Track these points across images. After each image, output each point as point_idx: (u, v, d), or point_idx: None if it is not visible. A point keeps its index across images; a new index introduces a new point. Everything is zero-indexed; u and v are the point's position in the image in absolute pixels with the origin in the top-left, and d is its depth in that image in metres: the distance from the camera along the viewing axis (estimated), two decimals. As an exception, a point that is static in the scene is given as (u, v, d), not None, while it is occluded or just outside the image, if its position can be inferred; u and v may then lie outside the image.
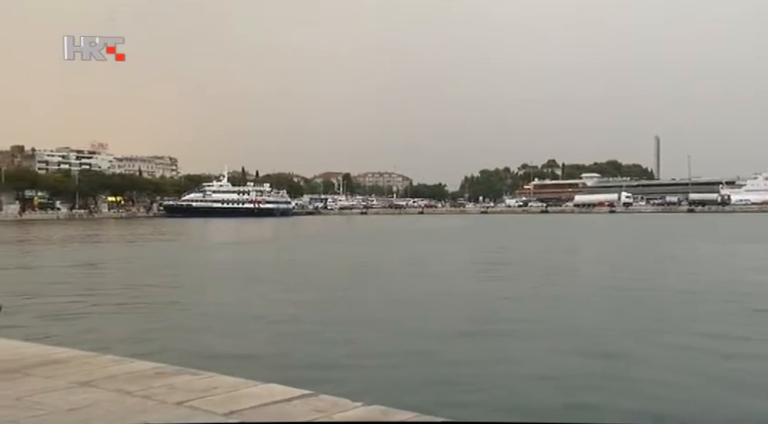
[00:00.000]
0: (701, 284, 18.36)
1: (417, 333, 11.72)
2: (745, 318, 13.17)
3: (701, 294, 16.39)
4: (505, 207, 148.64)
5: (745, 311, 13.79)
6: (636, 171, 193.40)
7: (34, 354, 5.24)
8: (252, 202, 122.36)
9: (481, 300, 16.08)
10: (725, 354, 9.96)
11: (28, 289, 18.60)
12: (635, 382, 8.41)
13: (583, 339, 11.12)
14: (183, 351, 9.80)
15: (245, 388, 4.12)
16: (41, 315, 13.76)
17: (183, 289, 19.13)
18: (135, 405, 3.73)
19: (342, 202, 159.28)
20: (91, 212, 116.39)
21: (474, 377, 8.78)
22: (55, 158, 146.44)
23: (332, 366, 9.18)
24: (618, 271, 23.65)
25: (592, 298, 16.63)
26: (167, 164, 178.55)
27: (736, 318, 13.08)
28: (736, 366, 9.29)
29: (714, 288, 17.50)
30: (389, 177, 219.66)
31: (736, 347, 10.54)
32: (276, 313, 14.49)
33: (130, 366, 4.81)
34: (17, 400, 3.83)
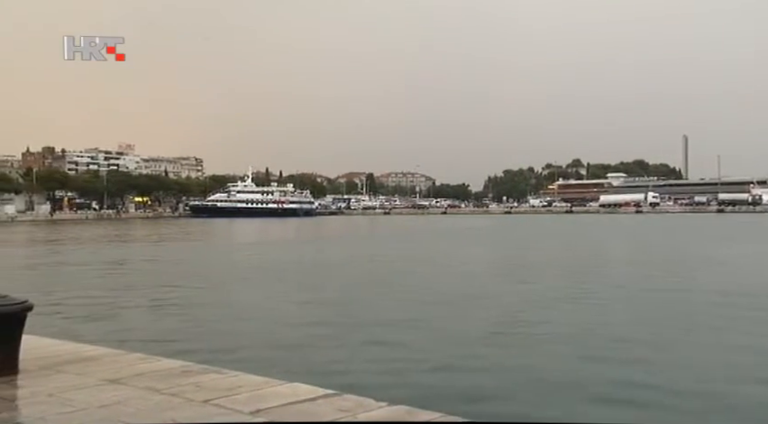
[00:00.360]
0: (733, 287, 17.95)
1: (442, 336, 11.57)
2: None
3: (733, 298, 16.02)
4: (529, 208, 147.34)
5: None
6: (664, 171, 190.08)
7: (65, 351, 5.36)
8: (276, 202, 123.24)
9: (508, 303, 15.75)
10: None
11: (58, 287, 19.01)
12: (668, 392, 8.10)
13: (612, 344, 10.81)
14: (209, 350, 9.92)
15: (270, 387, 4.16)
16: (72, 313, 14.05)
17: (209, 288, 19.34)
18: (163, 403, 3.79)
19: (365, 202, 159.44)
20: (119, 212, 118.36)
21: (499, 382, 8.63)
22: (84, 159, 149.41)
23: (356, 368, 9.20)
24: (648, 272, 23.22)
25: (622, 300, 16.22)
26: (192, 165, 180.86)
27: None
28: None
29: (746, 291, 17.12)
30: (412, 177, 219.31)
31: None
32: (300, 313, 14.58)
33: (157, 364, 4.88)
34: (49, 397, 3.92)
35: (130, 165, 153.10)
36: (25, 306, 4.56)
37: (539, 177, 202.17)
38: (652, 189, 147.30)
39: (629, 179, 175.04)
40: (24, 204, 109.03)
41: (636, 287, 18.70)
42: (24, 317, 4.58)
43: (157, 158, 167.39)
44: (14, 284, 17.58)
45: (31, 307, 4.61)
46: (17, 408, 3.82)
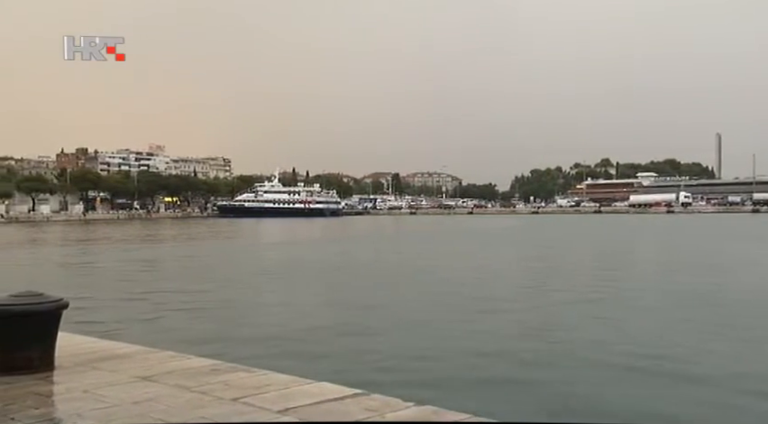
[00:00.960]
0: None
1: (471, 341, 11.28)
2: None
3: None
4: (556, 208, 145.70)
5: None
6: (696, 170, 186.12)
7: (99, 348, 5.48)
8: (303, 202, 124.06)
9: (538, 306, 15.42)
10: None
11: (92, 286, 19.44)
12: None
13: (644, 352, 10.29)
14: (237, 348, 10.05)
15: (298, 386, 4.19)
16: (105, 311, 14.36)
17: (237, 287, 19.56)
18: (193, 400, 3.85)
19: (391, 202, 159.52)
20: (149, 212, 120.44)
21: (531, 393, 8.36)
22: (116, 159, 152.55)
23: (385, 367, 9.22)
24: (680, 273, 22.73)
25: (656, 305, 15.60)
26: (220, 165, 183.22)
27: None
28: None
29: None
30: (438, 177, 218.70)
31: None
32: (326, 313, 14.66)
33: (187, 362, 4.96)
34: (84, 393, 4.02)
35: (160, 166, 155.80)
36: (61, 304, 4.68)
37: (567, 177, 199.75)
38: (683, 189, 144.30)
39: (660, 179, 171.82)
40: (59, 204, 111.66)
41: (670, 289, 18.27)
42: (60, 314, 4.70)
43: (186, 158, 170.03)
44: (50, 283, 18.07)
45: (66, 305, 4.72)
46: (54, 404, 3.92)
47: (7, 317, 4.47)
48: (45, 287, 5.39)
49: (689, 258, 28.94)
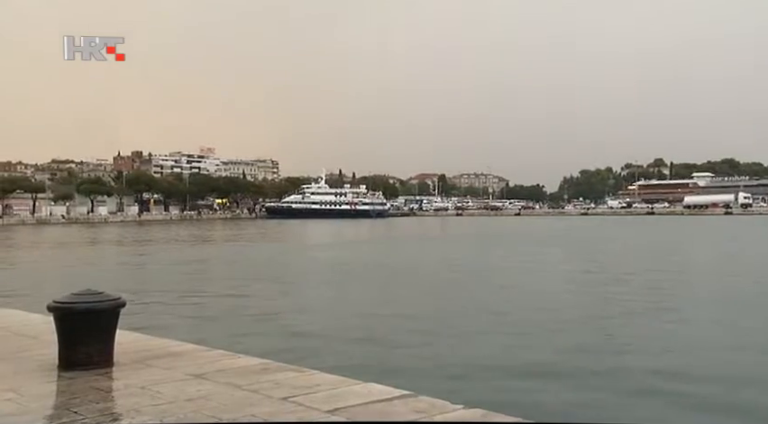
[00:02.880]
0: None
1: (521, 352, 10.96)
2: None
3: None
4: (607, 209, 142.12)
5: None
6: (757, 170, 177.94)
7: (154, 346, 5.66)
8: (349, 204, 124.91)
9: (591, 318, 14.51)
10: None
11: (148, 285, 20.09)
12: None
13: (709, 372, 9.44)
14: (286, 347, 10.19)
15: (346, 386, 4.22)
16: (160, 310, 14.81)
17: (286, 287, 19.84)
18: (244, 398, 3.94)
19: (437, 203, 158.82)
20: (200, 213, 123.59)
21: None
22: (168, 162, 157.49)
23: (429, 370, 9.19)
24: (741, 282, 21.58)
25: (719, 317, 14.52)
26: (268, 167, 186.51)
27: None
28: None
29: None
30: (485, 178, 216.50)
31: None
32: (377, 314, 14.70)
33: (238, 361, 5.07)
34: (141, 389, 4.16)
35: (210, 168, 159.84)
36: (119, 302, 4.85)
37: (618, 177, 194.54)
38: (743, 190, 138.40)
39: (717, 179, 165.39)
40: (115, 205, 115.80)
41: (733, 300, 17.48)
42: (118, 312, 4.87)
43: (235, 161, 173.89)
44: (108, 281, 18.74)
45: (124, 303, 4.90)
46: (113, 399, 4.07)
47: (69, 314, 4.67)
48: (104, 286, 5.60)
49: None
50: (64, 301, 4.71)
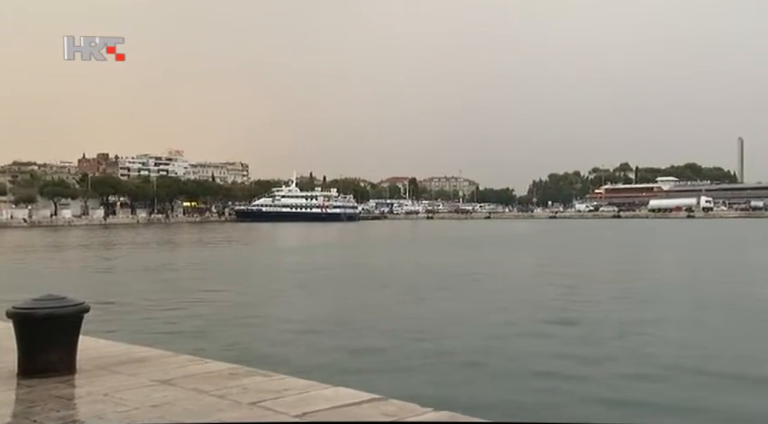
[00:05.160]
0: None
1: (495, 354, 11.08)
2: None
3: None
4: (575, 212, 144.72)
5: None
6: (717, 175, 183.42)
7: (119, 352, 5.54)
8: (320, 207, 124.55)
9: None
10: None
11: (112, 290, 19.66)
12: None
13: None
14: (254, 352, 10.09)
15: (315, 390, 4.20)
16: (124, 315, 14.51)
17: (255, 292, 19.64)
18: (211, 404, 3.88)
19: (408, 207, 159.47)
20: (167, 217, 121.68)
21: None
22: (135, 164, 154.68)
23: (398, 374, 9.20)
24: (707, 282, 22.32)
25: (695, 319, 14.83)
26: (238, 170, 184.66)
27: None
28: None
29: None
30: (455, 182, 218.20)
31: None
32: (341, 318, 14.65)
33: (205, 366, 4.99)
34: (105, 396, 4.06)
35: (178, 170, 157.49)
36: (82, 307, 4.73)
37: (585, 181, 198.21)
38: (704, 194, 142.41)
39: (680, 184, 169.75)
40: (80, 209, 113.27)
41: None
42: (81, 318, 4.75)
43: (204, 163, 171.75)
44: (71, 287, 18.30)
45: (87, 308, 4.77)
46: (75, 406, 3.97)
47: (29, 320, 4.53)
48: (67, 290, 5.46)
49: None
50: (24, 307, 4.57)
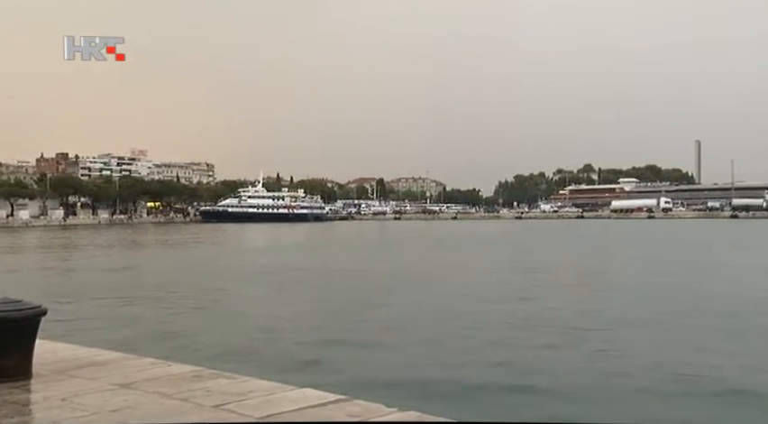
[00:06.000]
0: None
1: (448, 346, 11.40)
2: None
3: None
4: (540, 213, 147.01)
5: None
6: (676, 176, 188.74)
7: (78, 356, 5.38)
8: (287, 207, 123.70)
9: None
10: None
11: (71, 292, 19.17)
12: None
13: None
14: (219, 354, 9.96)
15: (281, 392, 4.16)
16: (84, 318, 14.16)
17: (219, 294, 19.41)
18: (173, 407, 3.81)
19: (376, 207, 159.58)
20: (131, 217, 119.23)
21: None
22: (97, 164, 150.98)
23: (363, 373, 9.19)
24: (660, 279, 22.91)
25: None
26: (204, 170, 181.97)
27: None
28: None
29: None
30: (423, 182, 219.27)
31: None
32: (308, 319, 14.59)
33: (168, 369, 4.90)
34: (62, 401, 3.95)
35: (142, 171, 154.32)
36: (39, 310, 4.59)
37: (550, 182, 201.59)
38: (664, 195, 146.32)
39: (641, 185, 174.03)
40: (38, 209, 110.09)
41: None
42: (38, 321, 4.60)
43: (169, 163, 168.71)
44: (28, 289, 17.77)
45: (44, 311, 4.63)
46: (31, 412, 3.85)
47: (-17, 324, 4.38)
48: (23, 293, 5.29)
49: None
50: (-23, 310, 4.41)
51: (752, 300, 16.50)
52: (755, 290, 18.48)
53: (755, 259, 30.26)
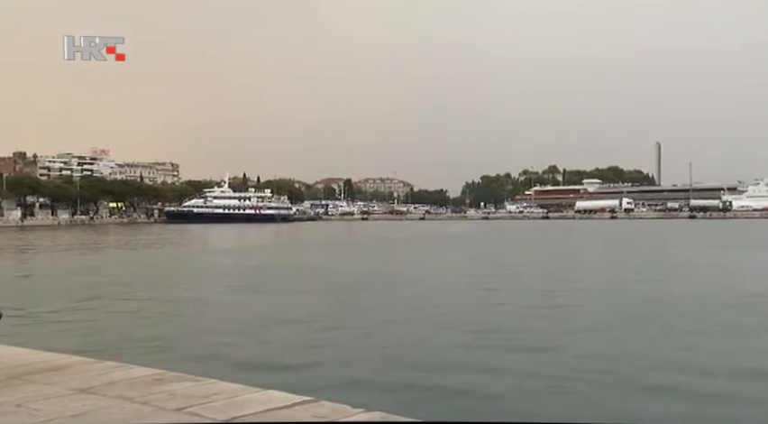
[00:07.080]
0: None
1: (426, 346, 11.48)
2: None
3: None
4: (506, 213, 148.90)
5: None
6: (638, 177, 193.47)
7: (36, 360, 5.24)
8: (253, 208, 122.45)
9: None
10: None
11: (28, 296, 18.61)
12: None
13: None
14: (182, 357, 9.80)
15: (246, 394, 4.11)
16: (42, 321, 13.77)
17: (182, 296, 19.11)
18: (134, 411, 3.73)
19: (344, 208, 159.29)
20: (92, 218, 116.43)
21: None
22: (57, 164, 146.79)
23: (330, 374, 9.16)
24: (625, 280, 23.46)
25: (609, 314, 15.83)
26: (168, 170, 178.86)
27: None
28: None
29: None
30: (390, 183, 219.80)
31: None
32: (274, 320, 14.47)
33: (130, 372, 4.80)
34: (17, 407, 3.83)
35: (104, 170, 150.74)
36: (-7, 314, 4.46)
37: (516, 183, 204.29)
38: (626, 195, 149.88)
39: (604, 186, 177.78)
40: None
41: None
42: (-8, 325, 4.47)
43: (132, 163, 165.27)
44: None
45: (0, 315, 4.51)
46: (-17, 419, 3.73)
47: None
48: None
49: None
50: (-73, 314, 4.26)
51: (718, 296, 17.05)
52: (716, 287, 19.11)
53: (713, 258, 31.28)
